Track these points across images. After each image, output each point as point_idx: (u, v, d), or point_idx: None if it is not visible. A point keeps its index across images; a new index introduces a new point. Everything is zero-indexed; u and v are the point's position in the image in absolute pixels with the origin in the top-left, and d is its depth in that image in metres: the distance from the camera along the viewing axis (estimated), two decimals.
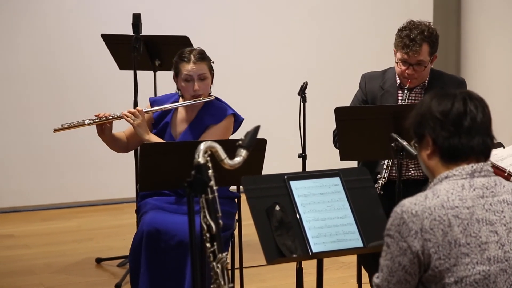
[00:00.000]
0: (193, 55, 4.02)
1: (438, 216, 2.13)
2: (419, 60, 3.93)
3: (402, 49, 3.93)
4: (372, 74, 4.17)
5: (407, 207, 2.15)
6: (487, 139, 2.23)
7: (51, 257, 5.25)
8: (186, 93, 4.04)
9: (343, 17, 7.19)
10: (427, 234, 2.11)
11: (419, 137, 2.27)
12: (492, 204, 2.18)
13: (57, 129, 4.10)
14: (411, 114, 2.30)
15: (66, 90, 6.48)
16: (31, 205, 6.46)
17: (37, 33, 6.37)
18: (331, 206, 2.84)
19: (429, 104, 2.24)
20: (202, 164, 2.38)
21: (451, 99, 2.23)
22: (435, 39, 3.99)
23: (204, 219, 2.39)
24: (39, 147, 6.43)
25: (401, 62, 3.96)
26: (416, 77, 3.98)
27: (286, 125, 6.29)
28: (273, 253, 2.69)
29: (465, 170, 2.20)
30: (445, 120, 2.21)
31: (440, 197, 2.15)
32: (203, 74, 4.03)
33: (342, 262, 4.95)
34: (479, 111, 2.22)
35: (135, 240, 3.82)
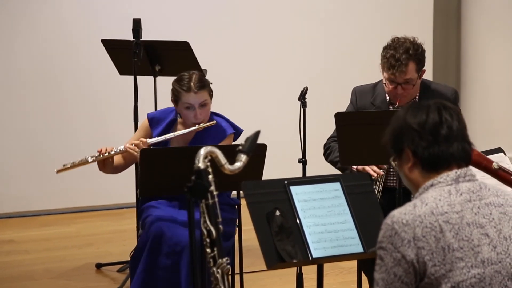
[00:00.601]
0: (193, 83, 3.95)
1: (429, 223, 2.13)
2: (407, 79, 3.91)
3: (388, 69, 3.90)
4: (363, 89, 4.16)
5: (397, 217, 2.15)
6: (465, 144, 2.26)
7: (50, 262, 5.25)
8: (187, 120, 4.01)
9: (344, 22, 7.20)
10: (420, 242, 2.12)
11: (398, 152, 2.29)
12: (480, 207, 2.20)
13: (59, 169, 4.12)
14: (386, 131, 2.33)
15: (66, 95, 6.48)
16: (30, 210, 6.46)
17: (37, 38, 6.38)
18: (331, 211, 2.85)
19: (404, 117, 2.26)
20: (202, 169, 2.39)
21: (425, 110, 2.25)
22: (421, 56, 3.96)
23: (204, 224, 2.40)
24: (38, 152, 6.43)
25: (389, 82, 3.95)
26: (405, 95, 3.97)
27: (286, 130, 6.29)
28: (273, 258, 2.69)
29: (449, 176, 2.22)
30: (422, 130, 2.23)
31: (428, 204, 2.16)
32: (205, 100, 3.98)
33: (342, 267, 4.95)
34: (454, 119, 2.25)
35: (139, 245, 3.82)
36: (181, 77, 4.00)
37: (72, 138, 6.49)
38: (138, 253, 3.83)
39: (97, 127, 6.51)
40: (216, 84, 4.10)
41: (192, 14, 6.75)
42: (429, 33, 7.40)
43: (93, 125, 6.53)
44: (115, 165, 4.09)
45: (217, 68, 6.46)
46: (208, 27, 6.78)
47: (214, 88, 4.10)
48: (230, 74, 6.84)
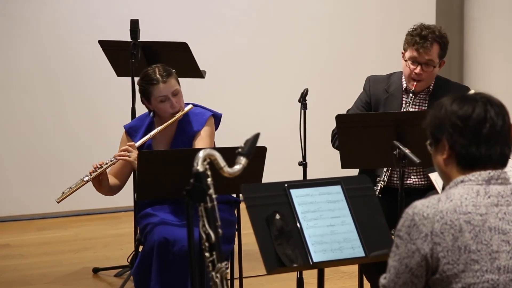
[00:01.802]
0: (159, 74, 3.99)
1: (450, 220, 2.13)
2: (429, 59, 3.98)
3: (413, 45, 3.99)
4: (377, 77, 4.20)
5: (419, 209, 2.16)
6: (505, 148, 2.23)
7: (47, 267, 5.25)
8: (164, 113, 4.02)
9: (345, 23, 7.20)
10: (437, 238, 2.12)
11: (435, 140, 2.27)
12: (506, 213, 2.18)
13: (59, 198, 4.14)
14: (429, 113, 2.29)
15: (63, 97, 6.48)
16: (26, 214, 6.45)
17: (33, 39, 6.38)
18: (332, 215, 2.84)
19: (449, 108, 2.23)
20: (201, 172, 2.38)
21: (472, 103, 2.22)
22: (446, 41, 4.07)
23: (203, 228, 2.39)
24: (35, 155, 6.43)
25: (411, 62, 4.00)
26: (423, 78, 4.00)
27: (287, 132, 6.28)
28: (273, 263, 2.69)
29: (481, 176, 2.20)
30: (464, 126, 2.20)
31: (453, 201, 2.16)
32: (176, 89, 4.01)
33: (343, 272, 4.95)
34: (499, 118, 2.22)
35: (144, 254, 3.81)
36: (145, 73, 4.05)
37: (70, 140, 6.49)
38: (143, 265, 3.81)
39: (95, 129, 6.51)
40: (215, 86, 4.11)
41: (191, 15, 6.75)
42: None
43: (91, 127, 6.53)
44: (111, 184, 4.08)
45: (217, 69, 6.46)
46: (207, 28, 6.78)
47: (213, 90, 4.11)
48: (230, 76, 6.84)
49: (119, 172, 4.11)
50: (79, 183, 4.03)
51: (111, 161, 4.00)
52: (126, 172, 4.12)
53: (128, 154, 3.97)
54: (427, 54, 3.97)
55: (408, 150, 3.49)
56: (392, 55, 7.21)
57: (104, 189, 4.05)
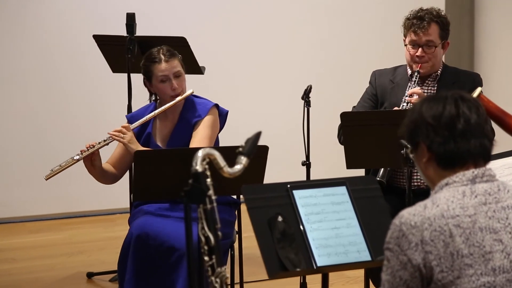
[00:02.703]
0: (162, 54, 4.06)
1: (439, 226, 2.14)
2: (428, 40, 4.03)
3: (411, 28, 4.05)
4: (383, 70, 4.27)
5: (406, 218, 2.16)
6: (484, 140, 2.24)
7: (39, 271, 5.25)
8: (164, 95, 4.06)
9: (350, 16, 7.21)
10: (428, 246, 2.12)
11: (414, 145, 2.29)
12: (495, 211, 2.19)
13: (48, 175, 4.14)
14: (403, 122, 2.33)
15: (55, 95, 6.48)
16: (18, 216, 6.46)
17: (26, 34, 6.38)
18: (337, 217, 2.84)
19: (420, 110, 2.26)
20: (200, 172, 2.39)
21: (442, 102, 2.25)
22: (445, 21, 4.11)
23: (202, 231, 2.39)
24: (26, 155, 6.43)
25: (411, 46, 4.05)
26: (426, 60, 4.05)
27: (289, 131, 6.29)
28: (275, 267, 2.69)
29: (465, 176, 2.21)
30: (437, 124, 2.23)
31: (439, 206, 2.16)
32: (178, 71, 4.06)
33: (348, 276, 4.95)
34: (472, 112, 2.23)
35: (123, 246, 3.83)
36: (149, 52, 4.11)
37: (62, 140, 6.48)
38: (123, 257, 3.84)
39: (89, 129, 6.50)
40: (215, 82, 4.12)
41: (190, 8, 6.75)
42: None
43: (84, 126, 6.53)
44: (106, 170, 4.09)
45: (216, 65, 6.46)
46: (206, 22, 6.78)
47: (213, 86, 4.11)
48: (230, 72, 6.84)
49: (117, 161, 4.13)
50: (69, 161, 4.05)
51: (104, 141, 4.02)
52: (124, 162, 4.12)
53: (122, 136, 3.98)
54: (425, 34, 4.03)
55: None
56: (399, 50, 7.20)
57: (96, 171, 4.06)
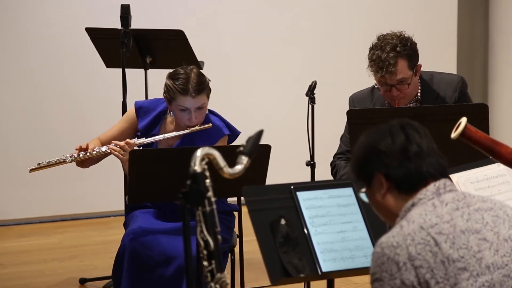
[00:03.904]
0: (191, 86, 3.89)
1: (421, 238, 2.16)
2: (399, 79, 3.94)
3: (377, 72, 3.94)
4: (359, 96, 4.19)
5: (386, 242, 2.19)
6: (439, 158, 2.32)
7: (29, 277, 5.26)
8: (180, 122, 4.00)
9: (357, 9, 7.21)
10: (417, 261, 2.14)
11: (367, 180, 2.33)
12: (470, 214, 2.24)
13: (33, 168, 4.13)
14: (350, 162, 2.39)
15: (44, 91, 6.48)
16: (6, 219, 6.47)
17: (11, 26, 6.38)
18: (343, 220, 2.85)
19: (367, 142, 2.33)
20: (198, 173, 2.39)
21: (388, 133, 2.32)
22: (411, 50, 3.97)
23: (201, 235, 2.40)
24: (13, 155, 6.44)
25: (381, 86, 3.98)
26: (402, 96, 3.99)
27: (293, 129, 6.30)
28: (278, 273, 2.70)
29: (429, 191, 2.27)
30: (390, 151, 2.29)
31: (415, 221, 2.20)
32: (202, 104, 3.95)
33: (355, 282, 4.96)
34: (422, 136, 2.32)
35: (118, 255, 3.84)
36: (178, 75, 3.93)
37: (52, 139, 6.48)
38: (118, 265, 3.85)
39: (80, 127, 6.50)
40: (214, 78, 4.10)
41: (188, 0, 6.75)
42: (453, 22, 7.41)
43: (75, 124, 6.52)
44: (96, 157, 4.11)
45: (215, 60, 6.46)
46: (205, 15, 6.78)
47: (212, 83, 4.11)
48: (230, 67, 6.84)
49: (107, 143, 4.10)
50: (60, 161, 4.05)
51: (101, 151, 4.02)
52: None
53: (122, 153, 3.95)
54: (394, 76, 3.92)
55: None
56: None
57: (84, 166, 4.10)
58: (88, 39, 5.11)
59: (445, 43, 7.27)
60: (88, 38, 5.10)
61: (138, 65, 5.05)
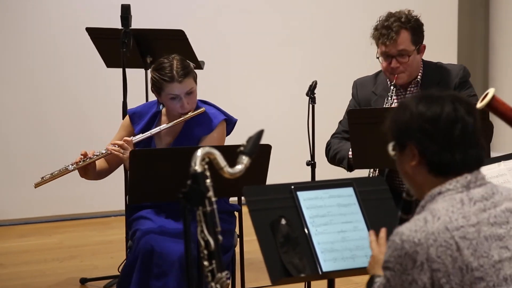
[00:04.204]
0: (175, 72, 3.93)
1: (444, 241, 2.12)
2: (400, 49, 3.96)
3: (379, 39, 3.97)
4: (364, 80, 4.22)
5: (407, 235, 2.14)
6: (481, 151, 2.25)
7: (29, 277, 5.26)
8: (172, 111, 4.01)
9: (356, 9, 7.20)
10: (435, 264, 2.11)
11: (400, 145, 2.26)
12: (496, 216, 2.20)
13: (37, 183, 4.16)
14: (391, 116, 2.29)
15: (44, 91, 6.48)
16: (6, 219, 6.47)
17: (13, 26, 6.38)
18: (343, 220, 2.85)
19: (415, 110, 2.23)
20: (199, 172, 2.40)
21: (440, 102, 2.22)
22: (416, 25, 4.01)
23: (202, 234, 2.40)
24: (14, 155, 6.44)
25: (383, 57, 3.99)
26: (402, 70, 3.99)
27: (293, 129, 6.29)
28: (279, 272, 2.70)
29: (459, 182, 2.21)
30: (434, 130, 2.20)
31: (441, 218, 2.15)
32: (191, 88, 3.98)
33: (356, 282, 4.95)
34: (470, 117, 2.22)
35: (128, 263, 3.83)
36: (161, 65, 3.99)
37: (52, 139, 6.49)
38: (128, 271, 3.83)
39: (81, 127, 6.51)
40: (214, 78, 4.12)
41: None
42: (454, 22, 7.40)
43: (75, 125, 6.53)
44: (98, 170, 4.11)
45: (216, 59, 6.46)
46: (205, 14, 6.78)
47: (212, 82, 4.12)
48: (230, 67, 6.84)
49: (110, 157, 4.11)
50: (62, 171, 4.08)
51: (101, 153, 4.02)
52: (118, 158, 4.10)
53: (122, 151, 3.97)
54: (395, 44, 3.94)
55: None
56: None
57: (89, 177, 4.11)
58: (88, 39, 5.11)
59: (445, 43, 7.26)
60: (88, 38, 5.10)
61: (139, 65, 5.05)
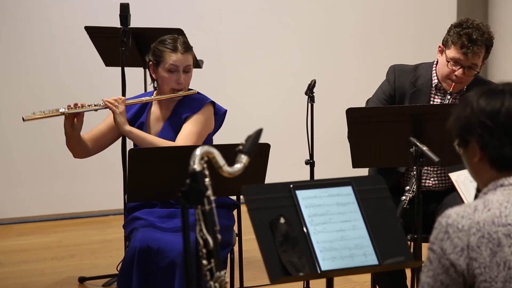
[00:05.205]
0: (179, 44, 4.11)
1: (487, 233, 2.12)
2: (474, 63, 3.95)
3: (461, 48, 3.92)
4: (403, 67, 4.15)
5: (453, 219, 2.15)
6: None
7: (27, 276, 5.26)
8: (167, 85, 4.10)
9: (355, 8, 7.21)
10: (474, 253, 2.11)
11: (463, 142, 2.26)
12: None
13: (27, 117, 4.16)
14: (453, 112, 2.28)
15: (45, 90, 6.48)
16: (5, 218, 6.47)
17: (12, 24, 6.38)
18: (342, 219, 2.85)
19: (475, 105, 2.22)
20: (198, 171, 2.40)
21: (500, 97, 2.21)
22: (492, 44, 4.02)
23: (200, 233, 2.40)
24: (11, 153, 6.44)
25: (453, 62, 3.97)
26: (462, 81, 4.00)
27: (292, 128, 6.30)
28: (277, 271, 2.70)
29: None
30: (494, 125, 2.19)
31: (491, 210, 2.15)
32: (189, 66, 4.12)
33: (354, 281, 4.96)
34: None
35: (125, 260, 3.83)
36: (164, 38, 4.16)
37: (51, 138, 6.47)
38: (126, 269, 3.84)
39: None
40: (213, 77, 4.12)
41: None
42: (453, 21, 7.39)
43: None
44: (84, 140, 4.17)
45: (215, 59, 6.46)
46: (205, 13, 6.78)
47: (211, 81, 4.13)
48: (229, 66, 6.84)
49: (94, 137, 4.19)
50: (53, 111, 4.11)
51: (95, 105, 4.10)
52: (102, 140, 4.20)
53: (116, 105, 4.08)
54: (474, 58, 3.94)
55: (426, 148, 3.49)
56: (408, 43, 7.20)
57: (74, 133, 4.12)
58: (87, 37, 5.11)
59: None
60: (87, 36, 5.11)
61: (138, 63, 5.05)
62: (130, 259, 3.81)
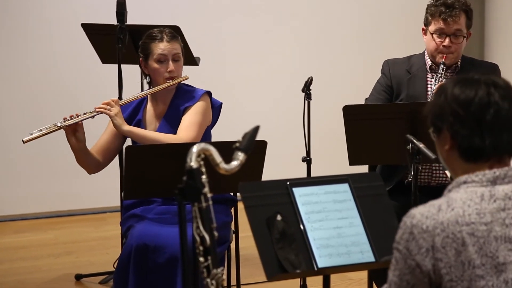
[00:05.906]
0: (165, 34, 4.13)
1: (452, 233, 2.12)
2: (458, 29, 4.04)
3: (439, 16, 4.03)
4: (396, 60, 4.24)
5: (418, 220, 2.14)
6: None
7: (24, 273, 5.26)
8: (158, 76, 4.11)
9: (353, 6, 7.20)
10: (439, 253, 2.11)
11: (437, 129, 2.27)
12: None
13: (27, 139, 4.15)
14: (430, 101, 2.29)
15: (42, 87, 6.48)
16: (2, 215, 6.47)
17: (9, 22, 6.37)
18: (339, 216, 2.85)
19: (450, 93, 2.22)
20: (194, 168, 2.39)
21: (474, 87, 2.21)
22: (471, 10, 4.11)
23: (197, 230, 2.40)
24: (9, 151, 6.43)
25: (437, 35, 4.04)
26: (452, 51, 4.05)
27: (289, 125, 6.31)
28: (274, 268, 2.70)
29: (486, 176, 2.19)
30: (465, 115, 2.19)
31: (455, 210, 2.14)
32: (177, 54, 4.14)
33: (351, 278, 4.96)
34: (505, 102, 2.19)
35: (122, 257, 3.83)
36: (150, 31, 4.19)
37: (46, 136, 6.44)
38: (122, 266, 3.84)
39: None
40: (210, 74, 4.13)
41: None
42: None
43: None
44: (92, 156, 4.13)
45: (212, 56, 6.46)
46: (201, 10, 6.78)
47: (208, 78, 4.13)
48: (226, 63, 6.84)
49: (102, 148, 4.16)
50: (51, 127, 4.10)
51: (90, 112, 4.06)
52: (110, 148, 4.17)
53: (109, 108, 4.05)
54: (455, 23, 4.03)
55: (422, 145, 3.50)
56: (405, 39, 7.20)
57: (80, 145, 4.09)
58: (83, 34, 5.11)
59: None
60: (83, 33, 5.10)
61: (134, 61, 5.03)
62: (126, 256, 3.81)
